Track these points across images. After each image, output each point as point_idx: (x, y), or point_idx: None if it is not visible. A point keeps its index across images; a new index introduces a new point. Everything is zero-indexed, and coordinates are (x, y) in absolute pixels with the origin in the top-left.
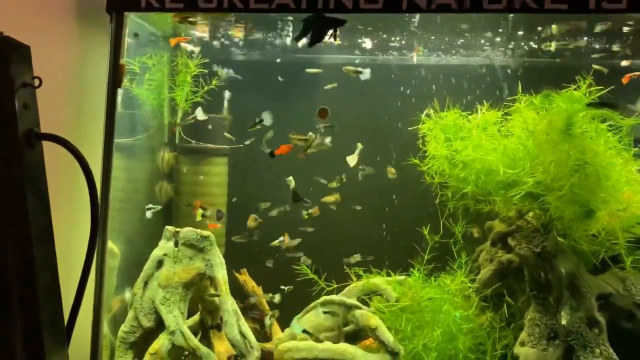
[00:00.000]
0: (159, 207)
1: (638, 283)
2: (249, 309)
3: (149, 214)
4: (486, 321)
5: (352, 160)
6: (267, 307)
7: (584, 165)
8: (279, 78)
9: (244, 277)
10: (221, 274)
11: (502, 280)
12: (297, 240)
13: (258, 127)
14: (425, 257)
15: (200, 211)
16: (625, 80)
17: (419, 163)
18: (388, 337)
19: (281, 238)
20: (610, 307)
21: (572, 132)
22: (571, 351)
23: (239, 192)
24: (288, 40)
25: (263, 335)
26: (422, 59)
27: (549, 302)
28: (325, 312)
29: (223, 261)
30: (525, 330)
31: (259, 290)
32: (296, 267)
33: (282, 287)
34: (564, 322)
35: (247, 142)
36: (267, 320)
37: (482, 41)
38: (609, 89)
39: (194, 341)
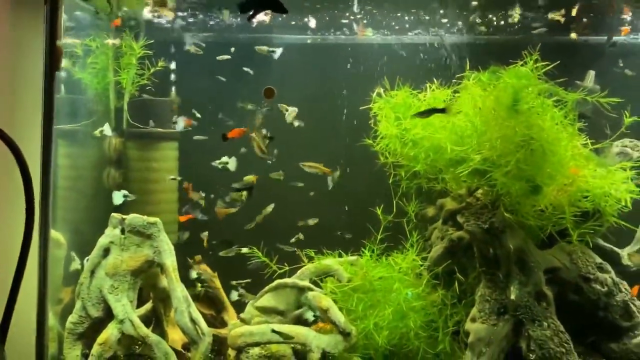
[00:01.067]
0: (133, 197)
1: (584, 256)
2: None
3: (117, 200)
4: (438, 298)
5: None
6: (225, 297)
7: (529, 141)
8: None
9: (201, 265)
10: (170, 260)
11: (453, 257)
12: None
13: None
14: (379, 237)
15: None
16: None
17: (372, 143)
18: (339, 317)
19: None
20: (558, 280)
21: (518, 108)
22: (520, 325)
23: (191, 177)
24: (238, 21)
25: (220, 321)
26: (372, 37)
27: (498, 278)
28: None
29: (172, 247)
30: (476, 306)
31: (215, 276)
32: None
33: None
34: (513, 296)
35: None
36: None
37: (432, 19)
38: (554, 64)
39: (144, 329)
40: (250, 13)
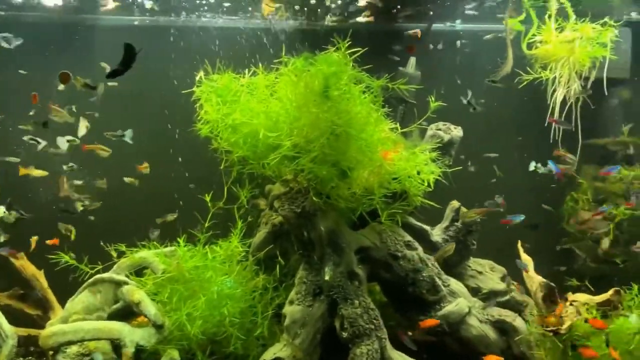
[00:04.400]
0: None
1: (394, 235)
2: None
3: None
4: (259, 283)
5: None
6: (51, 296)
7: (333, 127)
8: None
9: (22, 262)
10: None
11: (276, 242)
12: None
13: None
14: (206, 225)
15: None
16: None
17: (199, 129)
18: (150, 310)
19: None
20: (370, 259)
21: (329, 94)
22: (335, 305)
23: None
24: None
25: (47, 320)
26: (199, 20)
27: (313, 260)
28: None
29: None
30: (294, 288)
31: (40, 275)
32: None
33: None
34: (327, 277)
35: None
36: None
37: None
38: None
39: None
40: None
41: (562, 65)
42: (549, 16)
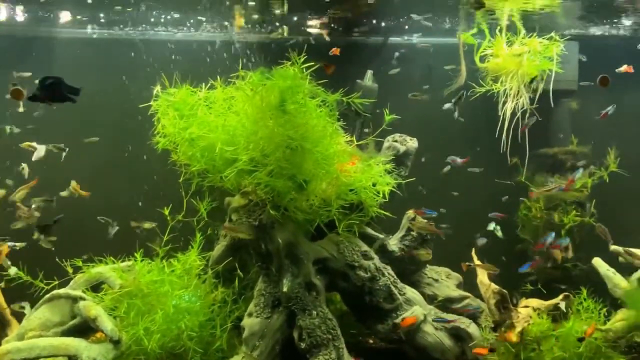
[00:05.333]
0: None
1: (351, 245)
2: None
3: None
4: (218, 296)
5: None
6: (7, 313)
7: (289, 140)
8: None
9: None
10: None
11: (235, 254)
12: None
13: None
14: (164, 239)
15: None
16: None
17: (157, 142)
18: (107, 325)
19: None
20: (327, 270)
21: (285, 108)
22: (293, 316)
23: None
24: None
25: (3, 337)
26: (157, 34)
27: (272, 272)
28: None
29: None
30: (253, 301)
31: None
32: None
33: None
34: (285, 289)
35: None
36: None
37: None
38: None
39: None
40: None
41: (511, 78)
42: (500, 30)
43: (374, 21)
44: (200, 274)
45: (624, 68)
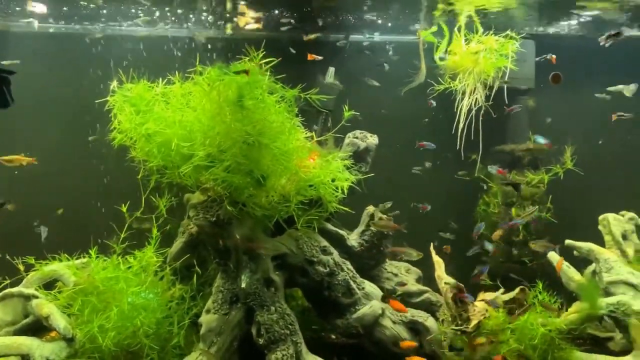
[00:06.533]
0: None
1: (310, 241)
2: None
3: None
4: (176, 293)
5: None
6: None
7: (246, 136)
8: None
9: None
10: None
11: (193, 251)
12: None
13: None
14: (122, 235)
15: None
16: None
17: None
18: (60, 323)
19: None
20: (286, 265)
21: (243, 104)
22: (252, 312)
23: None
24: None
25: None
26: (116, 30)
27: (230, 268)
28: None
29: None
30: (211, 297)
31: None
32: None
33: None
34: (243, 285)
35: None
36: None
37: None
38: (277, 60)
39: None
40: None
41: (468, 75)
42: (459, 28)
43: (334, 18)
44: (157, 271)
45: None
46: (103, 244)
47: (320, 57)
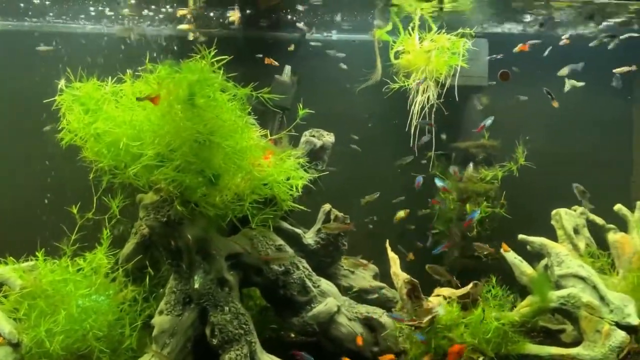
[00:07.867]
0: None
1: (265, 240)
2: None
3: None
4: (128, 295)
5: None
6: None
7: (196, 135)
8: None
9: None
10: None
11: (146, 252)
12: None
13: None
14: (73, 237)
15: None
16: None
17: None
18: (4, 328)
19: None
20: (241, 265)
21: (194, 102)
22: (206, 312)
23: None
24: None
25: None
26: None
27: (183, 269)
28: None
29: None
30: (164, 298)
31: None
32: None
33: None
34: (196, 285)
35: None
36: None
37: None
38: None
39: None
40: None
41: (420, 73)
42: (412, 27)
43: (290, 17)
44: (109, 272)
45: (519, 47)
46: (53, 247)
47: (277, 63)
